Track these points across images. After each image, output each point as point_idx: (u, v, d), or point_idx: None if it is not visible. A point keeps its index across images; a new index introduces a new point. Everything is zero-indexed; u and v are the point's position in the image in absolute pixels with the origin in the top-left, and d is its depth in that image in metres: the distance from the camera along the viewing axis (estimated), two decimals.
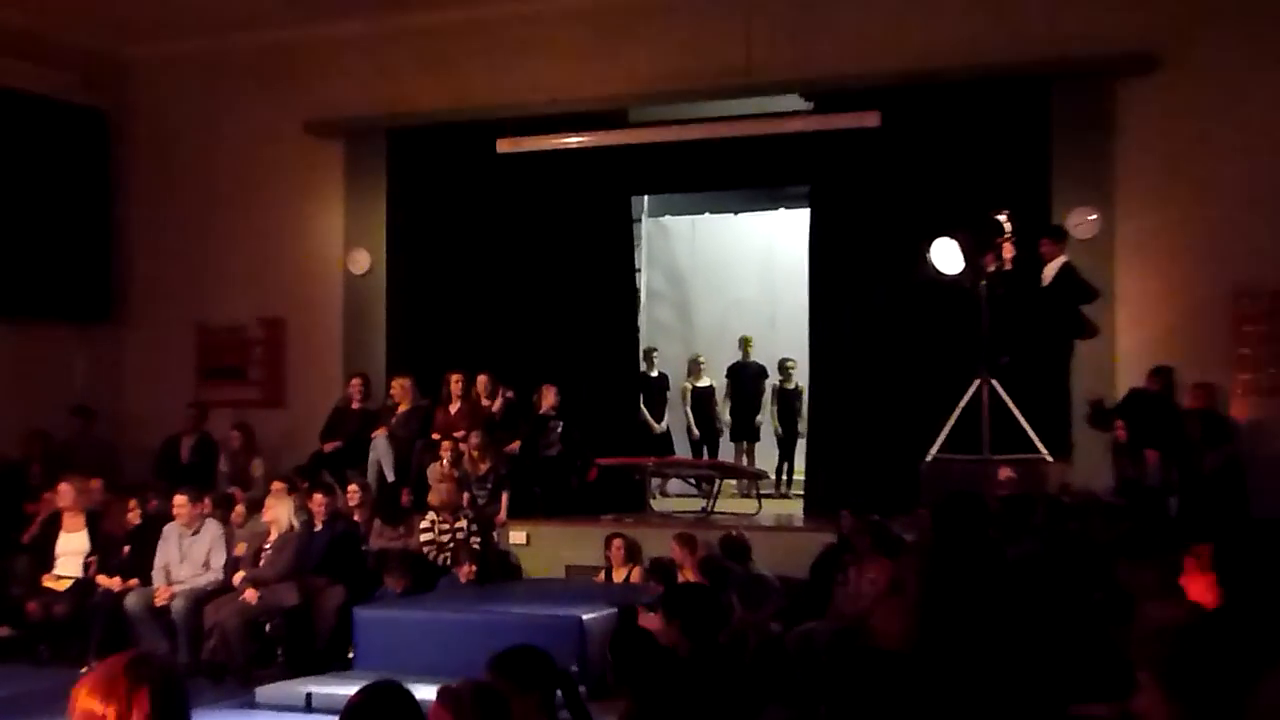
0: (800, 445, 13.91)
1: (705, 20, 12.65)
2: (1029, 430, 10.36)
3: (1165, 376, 10.76)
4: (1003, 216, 10.44)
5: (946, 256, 10.42)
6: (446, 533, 11.05)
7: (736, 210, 15.51)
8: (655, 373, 14.53)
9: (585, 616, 9.01)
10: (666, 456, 13.82)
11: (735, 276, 15.64)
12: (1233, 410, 10.75)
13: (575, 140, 13.07)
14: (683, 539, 10.35)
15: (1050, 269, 10.89)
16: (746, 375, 14.59)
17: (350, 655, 9.60)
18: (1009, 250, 10.44)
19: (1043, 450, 10.36)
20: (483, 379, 12.57)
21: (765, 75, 12.34)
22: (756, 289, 15.49)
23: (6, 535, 11.52)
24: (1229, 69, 11.15)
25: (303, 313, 14.11)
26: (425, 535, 11.04)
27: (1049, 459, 10.37)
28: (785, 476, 14.34)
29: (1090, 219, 11.47)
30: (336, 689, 8.27)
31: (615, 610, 9.18)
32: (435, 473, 11.67)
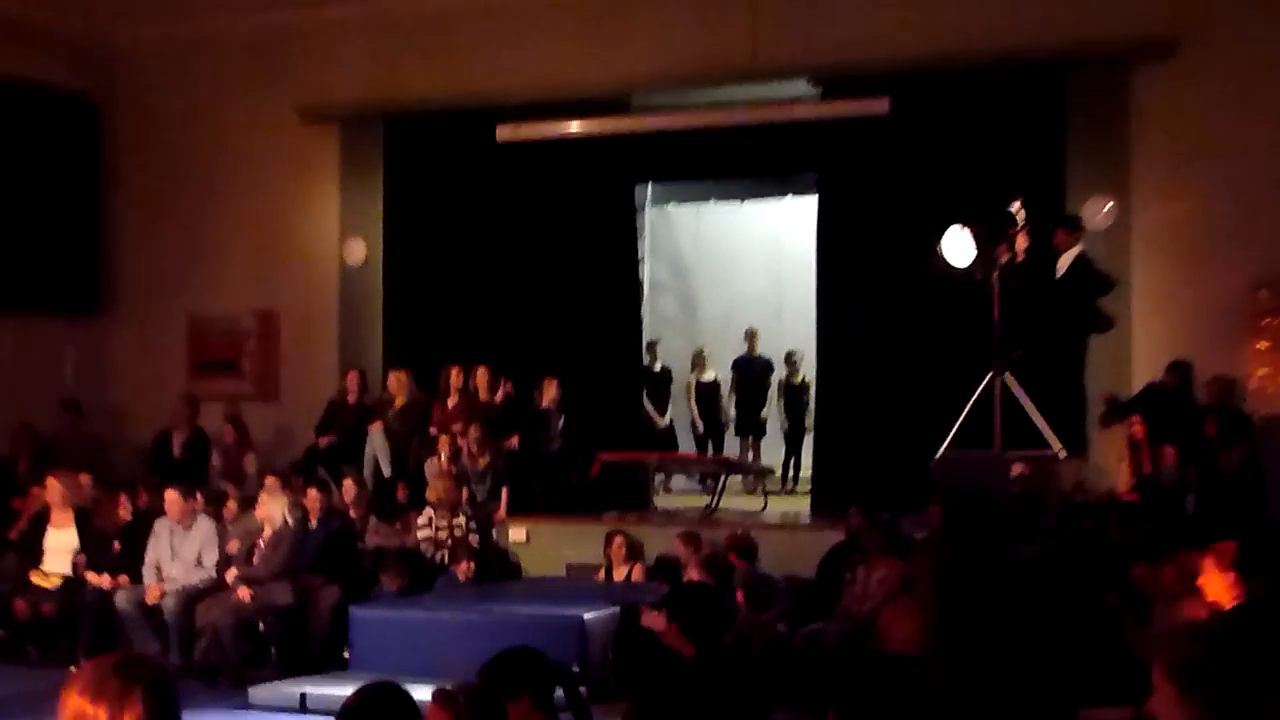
0: (807, 441, 13.93)
1: (710, 3, 12.64)
2: (1042, 426, 10.35)
3: (1183, 371, 10.74)
4: (1016, 206, 10.44)
5: (958, 247, 10.41)
6: (444, 530, 11.06)
7: (742, 199, 15.50)
8: (659, 366, 14.54)
9: (586, 616, 9.03)
10: (670, 452, 13.83)
11: (741, 267, 15.64)
12: (1251, 406, 10.72)
13: (577, 127, 13.05)
14: (687, 537, 10.38)
15: (1065, 260, 10.88)
16: (752, 369, 14.59)
17: (346, 656, 9.62)
18: (1022, 241, 10.44)
19: (1056, 446, 10.36)
20: (482, 372, 12.57)
21: (772, 60, 12.32)
22: (763, 280, 15.49)
23: None
24: (1248, 54, 11.13)
25: (297, 305, 14.11)
26: (423, 532, 11.05)
27: (1063, 455, 10.36)
28: (792, 473, 14.35)
29: (1106, 209, 11.45)
30: (332, 690, 8.29)
31: (617, 610, 9.19)
32: (433, 468, 11.68)
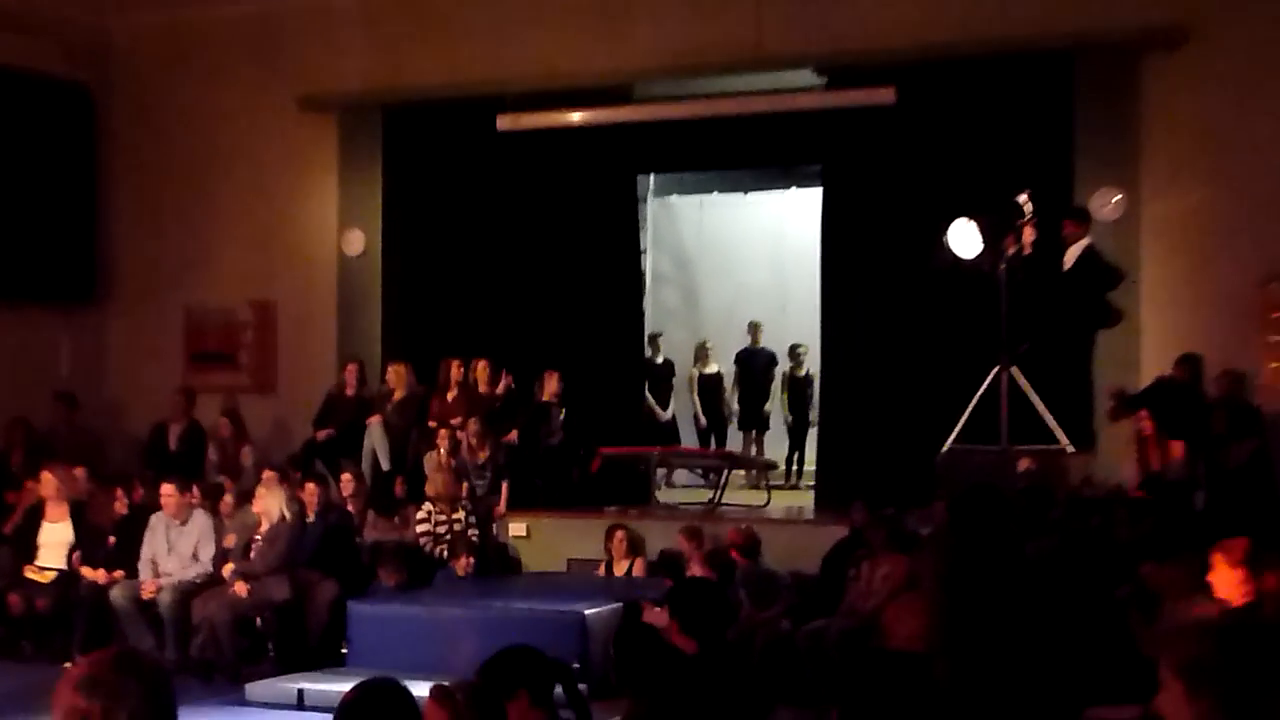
0: (811, 435, 13.91)
1: None
2: (1049, 420, 10.35)
3: (1192, 364, 10.71)
4: (1023, 197, 10.43)
5: (964, 239, 10.40)
6: (444, 524, 11.07)
7: (746, 190, 15.50)
8: (661, 359, 14.53)
9: (588, 612, 9.03)
10: (672, 446, 13.83)
11: (744, 259, 15.62)
12: (1261, 400, 10.71)
13: (578, 117, 13.04)
14: (689, 532, 10.39)
15: (1073, 252, 10.87)
16: (756, 362, 14.58)
17: (343, 652, 9.63)
18: (1029, 233, 10.43)
19: (1064, 441, 10.36)
20: (482, 365, 12.57)
21: (776, 49, 12.30)
22: (766, 272, 15.47)
23: None
24: (1261, 43, 11.10)
25: (295, 296, 14.10)
26: (422, 527, 11.06)
27: (1070, 450, 10.36)
28: (796, 467, 14.34)
29: (1115, 200, 11.45)
30: (329, 686, 8.31)
31: (619, 606, 9.20)
32: (432, 462, 11.68)
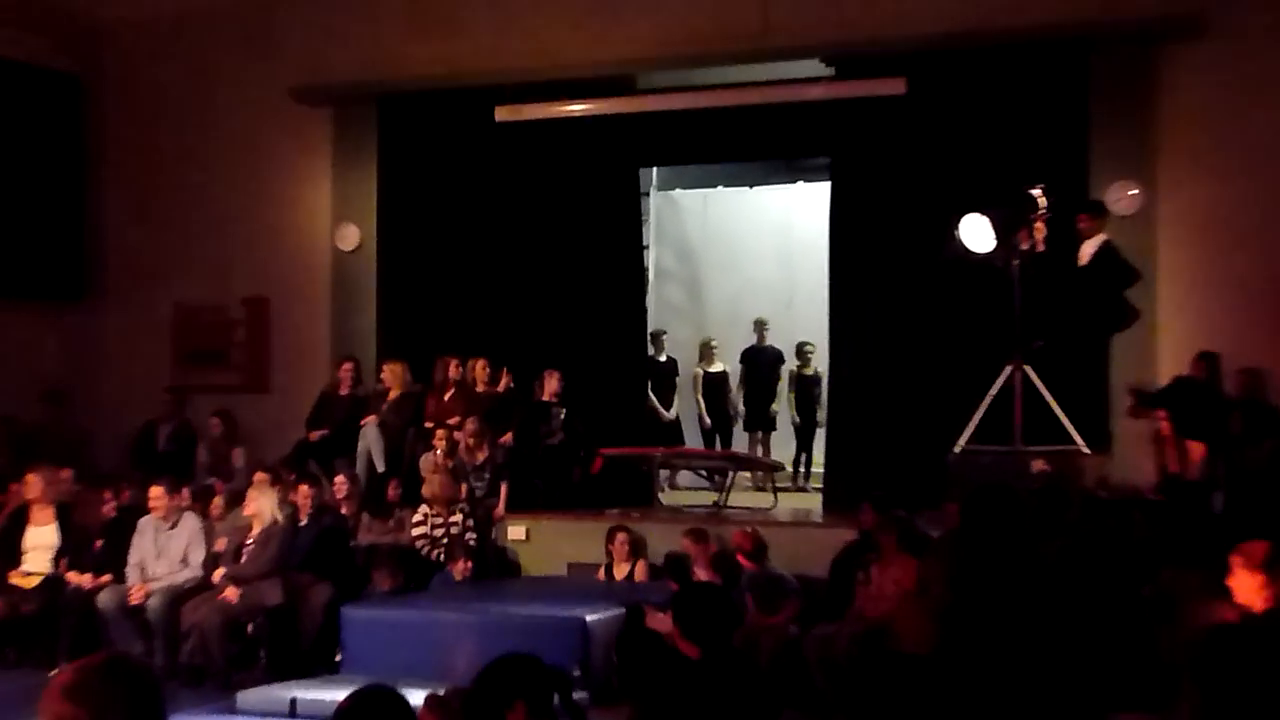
0: (819, 435, 13.91)
1: None
2: (1064, 420, 10.33)
3: (1211, 363, 10.72)
4: (1037, 191, 10.40)
5: (977, 234, 10.38)
6: (440, 527, 11.06)
7: (752, 183, 15.51)
8: (664, 357, 14.53)
9: (589, 617, 9.02)
10: (676, 447, 13.81)
11: (750, 254, 15.62)
12: None
13: (579, 108, 13.05)
14: (696, 534, 10.39)
15: (1088, 247, 10.84)
16: (762, 360, 14.57)
17: (337, 658, 9.63)
18: (1043, 227, 10.41)
19: (1079, 441, 10.33)
20: (480, 364, 12.57)
21: (783, 38, 12.29)
22: (773, 268, 15.47)
23: None
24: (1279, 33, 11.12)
25: (288, 292, 14.11)
26: (418, 529, 11.05)
27: (1086, 451, 10.34)
28: (803, 469, 14.33)
29: (1131, 194, 11.44)
30: (323, 694, 8.30)
31: (621, 610, 9.18)
32: (428, 463, 11.68)
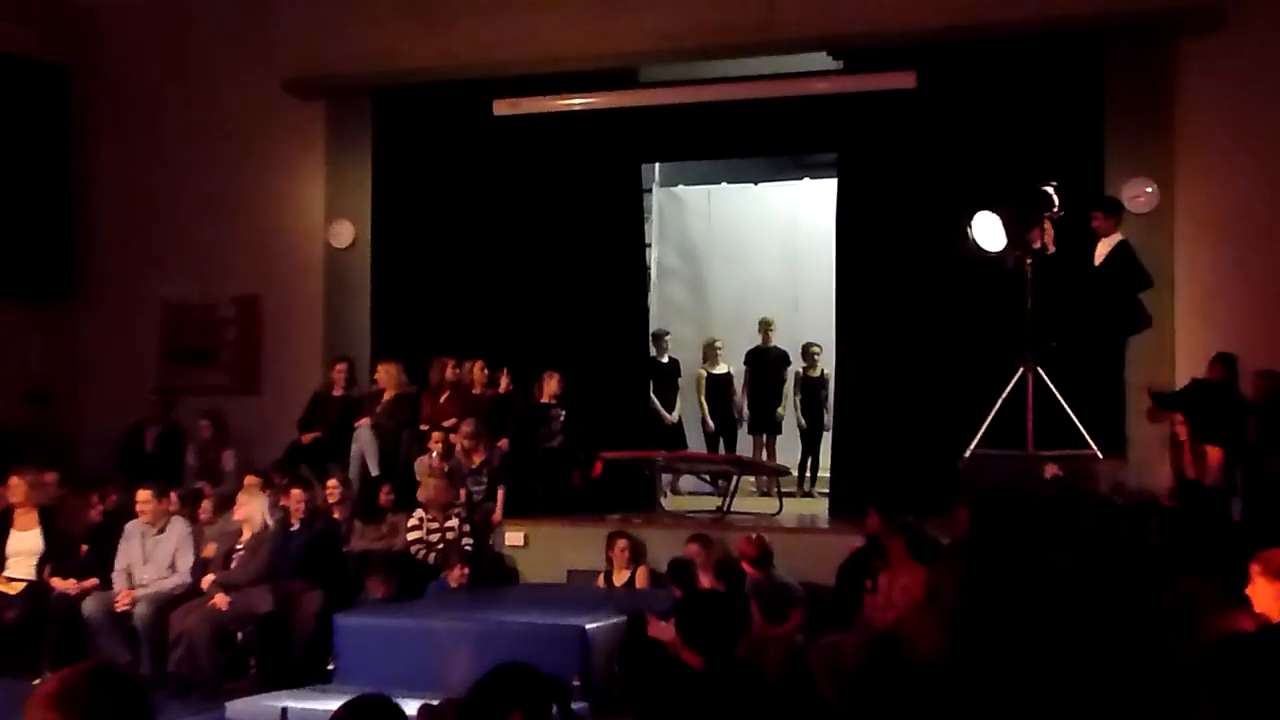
0: (826, 439, 13.91)
1: None
2: (1078, 424, 10.33)
3: (1228, 365, 10.71)
4: (1050, 188, 10.41)
5: (988, 232, 10.39)
6: (436, 532, 11.06)
7: (757, 180, 15.50)
8: (666, 358, 14.52)
9: (589, 626, 9.01)
10: (678, 450, 13.81)
11: (755, 253, 15.62)
12: None
13: (580, 101, 13.04)
14: (701, 540, 10.39)
15: (1103, 246, 10.85)
16: (767, 361, 14.57)
17: (330, 667, 9.60)
18: (1050, 228, 10.40)
19: (1093, 446, 10.33)
20: (478, 365, 12.57)
21: (789, 30, 12.29)
22: (778, 267, 15.47)
23: None
24: None
25: (280, 290, 14.10)
26: (413, 534, 11.05)
27: (1100, 456, 10.34)
28: (809, 473, 14.33)
29: (1147, 191, 11.44)
30: (315, 704, 8.30)
31: (621, 618, 9.18)
32: (424, 466, 11.69)
